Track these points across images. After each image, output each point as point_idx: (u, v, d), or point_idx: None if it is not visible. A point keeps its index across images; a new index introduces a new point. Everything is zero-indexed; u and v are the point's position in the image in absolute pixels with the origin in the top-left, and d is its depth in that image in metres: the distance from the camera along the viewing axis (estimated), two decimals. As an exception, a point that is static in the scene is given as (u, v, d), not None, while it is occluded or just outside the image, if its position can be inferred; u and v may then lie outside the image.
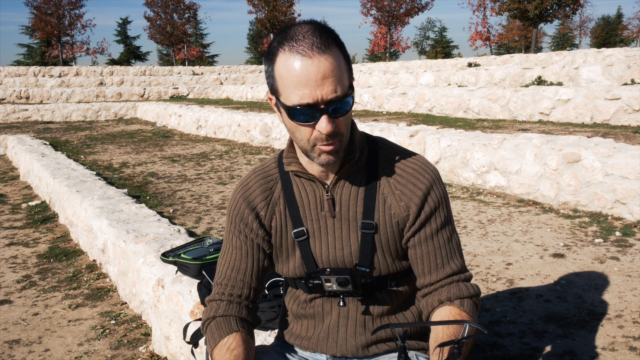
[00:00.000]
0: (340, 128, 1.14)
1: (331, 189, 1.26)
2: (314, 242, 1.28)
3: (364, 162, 1.27)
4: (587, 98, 7.07)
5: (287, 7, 38.53)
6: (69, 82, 19.91)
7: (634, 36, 53.99)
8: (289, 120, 1.15)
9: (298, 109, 1.10)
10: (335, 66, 1.09)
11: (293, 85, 1.09)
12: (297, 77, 1.08)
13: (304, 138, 1.15)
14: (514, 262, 2.94)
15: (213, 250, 2.39)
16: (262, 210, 1.30)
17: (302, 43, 1.08)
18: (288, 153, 1.28)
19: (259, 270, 1.32)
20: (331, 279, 1.24)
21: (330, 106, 1.10)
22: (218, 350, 1.25)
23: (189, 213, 4.42)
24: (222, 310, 1.29)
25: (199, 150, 8.19)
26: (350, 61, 1.17)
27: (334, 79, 1.08)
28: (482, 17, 42.40)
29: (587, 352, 1.95)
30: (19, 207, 5.58)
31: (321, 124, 1.10)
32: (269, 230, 1.31)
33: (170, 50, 46.37)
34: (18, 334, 2.77)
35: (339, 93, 1.09)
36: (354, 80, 1.17)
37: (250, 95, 16.01)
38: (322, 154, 1.16)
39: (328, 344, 1.32)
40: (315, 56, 1.07)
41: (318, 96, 1.08)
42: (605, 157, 3.85)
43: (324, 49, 1.08)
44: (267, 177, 1.32)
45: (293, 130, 1.16)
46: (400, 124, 6.61)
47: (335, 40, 1.12)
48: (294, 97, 1.09)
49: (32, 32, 43.68)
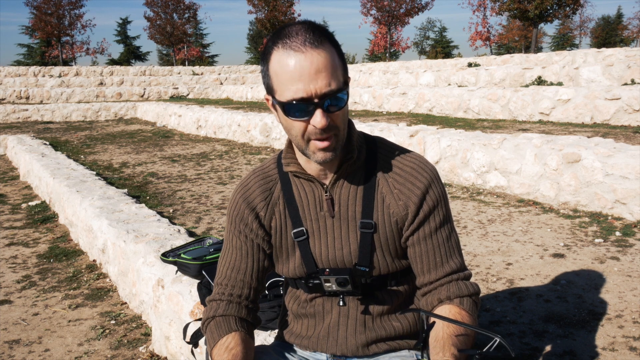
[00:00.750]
0: (336, 122, 1.14)
1: (330, 189, 1.26)
2: (313, 242, 1.29)
3: (362, 162, 1.27)
4: (587, 98, 7.07)
5: (287, 7, 38.54)
6: (69, 82, 19.92)
7: (634, 36, 54.01)
8: (284, 118, 1.15)
9: (293, 104, 1.10)
10: (329, 61, 1.10)
11: (287, 80, 1.09)
12: (291, 72, 1.08)
13: (299, 134, 1.15)
14: (514, 262, 2.94)
15: (213, 250, 2.39)
16: (262, 210, 1.30)
17: (295, 39, 1.09)
18: (287, 154, 1.29)
19: (259, 271, 1.32)
20: (330, 279, 1.24)
21: (325, 100, 1.10)
22: (217, 350, 1.25)
23: (189, 213, 4.42)
24: (222, 310, 1.29)
25: (199, 150, 8.19)
26: (345, 60, 1.18)
27: (327, 73, 1.09)
28: (482, 17, 42.42)
29: (587, 352, 1.95)
30: (19, 207, 5.59)
31: (316, 118, 1.10)
32: (269, 231, 1.31)
33: (170, 50, 46.39)
34: (18, 334, 2.77)
35: (333, 87, 1.10)
36: (349, 80, 1.18)
37: (250, 95, 16.01)
38: (317, 151, 1.16)
39: (328, 343, 1.32)
40: (308, 51, 1.08)
41: (312, 90, 1.08)
42: (605, 157, 3.85)
43: (317, 45, 1.09)
44: (266, 177, 1.33)
45: (289, 128, 1.16)
46: (400, 124, 6.62)
47: (328, 37, 1.12)
48: (288, 92, 1.10)
49: (32, 32, 43.70)
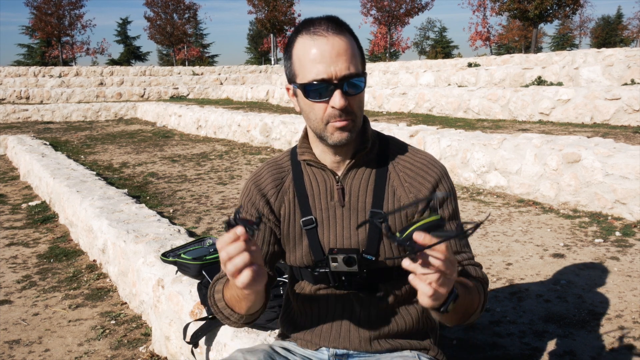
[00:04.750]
0: (353, 108, 1.19)
1: (342, 179, 1.29)
2: (322, 230, 1.30)
3: (375, 155, 1.30)
4: (587, 98, 7.07)
5: (287, 7, 38.56)
6: (69, 82, 19.91)
7: (634, 36, 54.02)
8: (304, 101, 1.20)
9: (313, 85, 1.16)
10: (349, 46, 1.17)
11: (309, 62, 1.16)
12: (313, 54, 1.15)
13: (318, 117, 1.19)
14: (514, 262, 2.94)
15: (213, 250, 2.39)
16: (272, 197, 1.33)
17: (318, 27, 1.17)
18: (302, 143, 1.32)
19: (268, 253, 1.33)
20: (338, 258, 1.25)
21: (344, 82, 1.15)
22: (216, 290, 1.29)
23: (189, 213, 4.42)
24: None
25: (199, 151, 8.19)
26: (364, 55, 1.24)
27: (347, 57, 1.15)
28: (482, 17, 42.45)
29: (587, 352, 1.95)
30: (19, 207, 5.58)
31: (335, 98, 1.15)
32: (279, 217, 1.33)
33: (170, 50, 46.41)
34: (18, 334, 2.77)
35: (352, 70, 1.15)
36: (366, 75, 1.23)
37: (250, 95, 16.00)
38: (335, 131, 1.19)
39: (331, 337, 1.33)
40: (330, 36, 1.15)
41: (332, 72, 1.14)
42: (605, 157, 3.85)
43: (338, 32, 1.17)
44: (279, 167, 1.36)
45: (308, 112, 1.21)
46: (400, 124, 6.62)
47: (348, 29, 1.20)
48: (309, 74, 1.16)
49: (32, 32, 43.70)
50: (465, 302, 1.13)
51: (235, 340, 1.82)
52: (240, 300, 1.21)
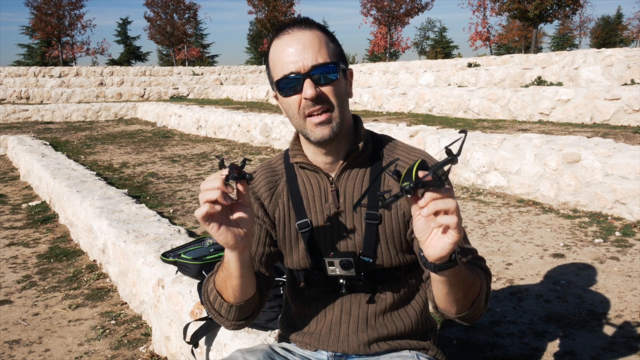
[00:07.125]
0: (329, 97, 1.19)
1: (335, 180, 1.28)
2: (317, 233, 1.29)
3: (369, 156, 1.29)
4: (587, 98, 7.07)
5: (287, 7, 38.55)
6: (69, 83, 19.91)
7: (634, 36, 54.00)
8: (282, 99, 1.22)
9: (284, 80, 1.18)
10: (316, 39, 1.18)
11: (279, 62, 1.19)
12: (282, 52, 1.18)
13: (295, 112, 1.20)
14: (514, 262, 2.94)
15: (213, 250, 2.39)
16: (266, 200, 1.33)
17: (287, 28, 1.21)
18: (294, 146, 1.32)
19: (264, 254, 1.32)
20: (335, 262, 1.25)
21: (313, 72, 1.16)
22: (208, 282, 1.31)
23: (189, 213, 4.42)
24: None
25: (199, 151, 8.19)
26: (342, 50, 1.26)
27: (314, 49, 1.17)
28: (482, 17, 42.43)
29: (587, 352, 1.96)
30: (19, 207, 5.58)
31: (305, 89, 1.16)
32: (274, 221, 1.33)
33: (170, 50, 46.39)
34: (18, 334, 2.77)
35: (320, 60, 1.17)
36: (349, 72, 1.25)
37: (250, 95, 16.01)
38: (315, 128, 1.19)
39: (329, 340, 1.32)
40: (295, 32, 1.19)
41: (300, 64, 1.16)
42: (605, 157, 3.85)
43: (305, 27, 1.20)
44: (272, 171, 1.36)
45: (287, 109, 1.23)
46: (400, 124, 6.62)
47: (318, 26, 1.22)
48: (281, 72, 1.19)
49: (32, 32, 43.69)
50: (468, 275, 1.10)
51: (235, 340, 1.82)
52: (226, 280, 1.21)
